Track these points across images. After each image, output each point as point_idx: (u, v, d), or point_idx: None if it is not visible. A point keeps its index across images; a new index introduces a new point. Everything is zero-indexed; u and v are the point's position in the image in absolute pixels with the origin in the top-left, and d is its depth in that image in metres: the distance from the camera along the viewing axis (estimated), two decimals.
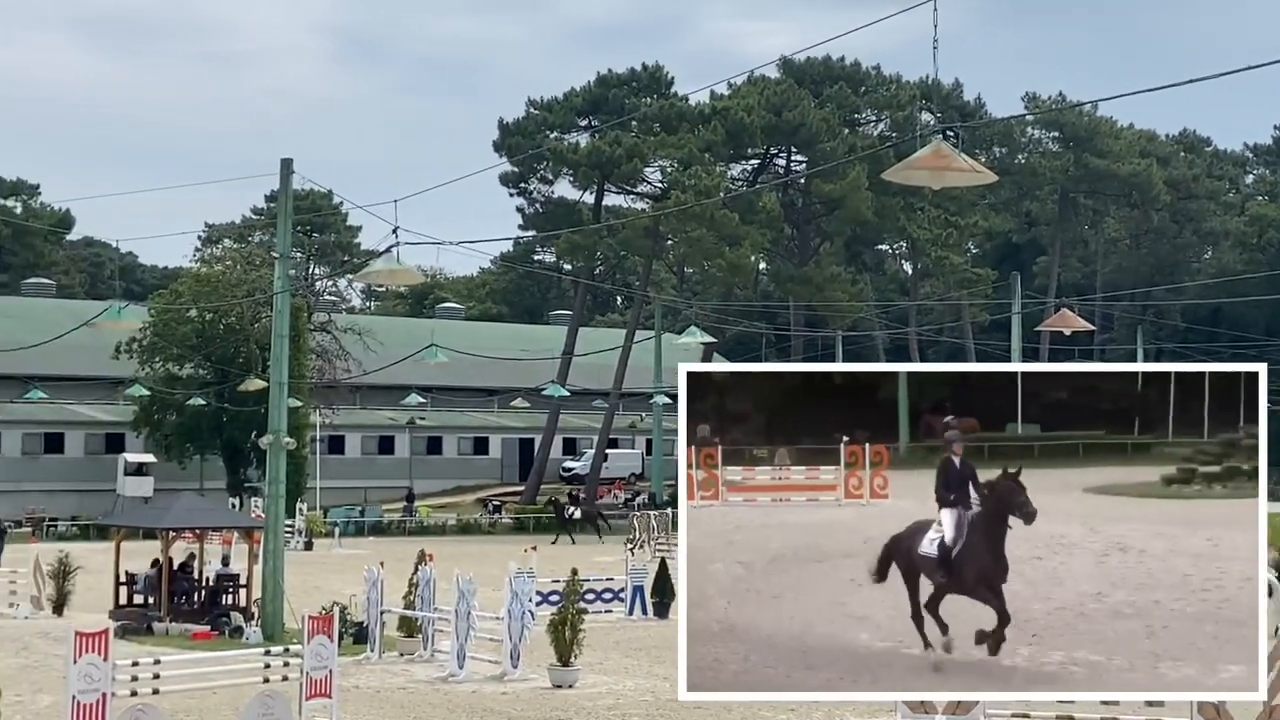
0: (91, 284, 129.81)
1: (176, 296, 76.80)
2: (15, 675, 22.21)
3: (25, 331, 72.21)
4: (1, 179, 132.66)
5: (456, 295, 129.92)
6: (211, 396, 70.91)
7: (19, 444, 78.57)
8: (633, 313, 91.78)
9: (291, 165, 32.03)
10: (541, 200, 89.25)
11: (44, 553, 36.86)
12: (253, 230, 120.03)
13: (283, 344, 32.17)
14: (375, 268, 22.47)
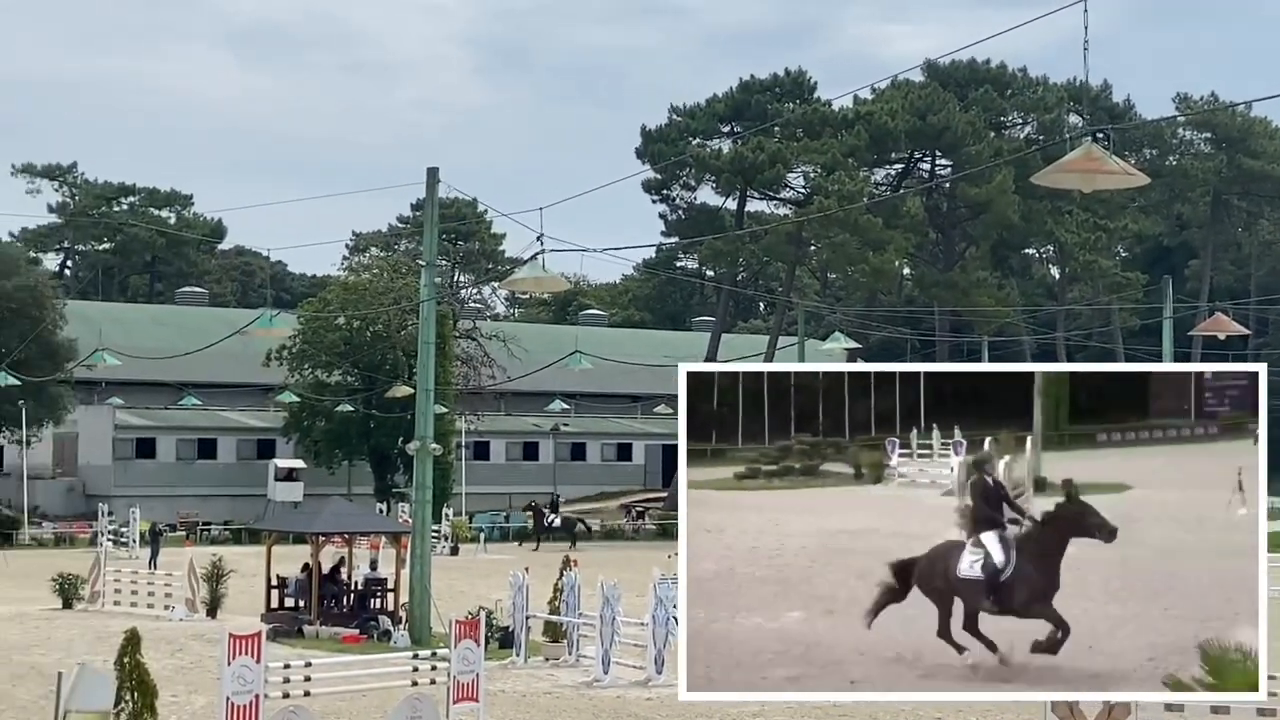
0: (242, 292, 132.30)
1: (325, 304, 77.97)
2: (171, 676, 22.65)
3: (179, 339, 73.75)
4: (156, 190, 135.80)
5: (599, 302, 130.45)
6: (359, 403, 71.92)
7: (173, 449, 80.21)
8: (775, 319, 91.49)
9: (438, 174, 32.39)
10: (684, 206, 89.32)
11: (198, 556, 37.62)
12: (399, 238, 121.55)
13: (429, 351, 32.53)
14: (521, 275, 22.61)
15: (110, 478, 76.89)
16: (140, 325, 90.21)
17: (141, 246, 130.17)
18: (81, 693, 12.01)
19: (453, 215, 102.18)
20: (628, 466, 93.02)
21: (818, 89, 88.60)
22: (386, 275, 79.81)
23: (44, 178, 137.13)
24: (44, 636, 29.76)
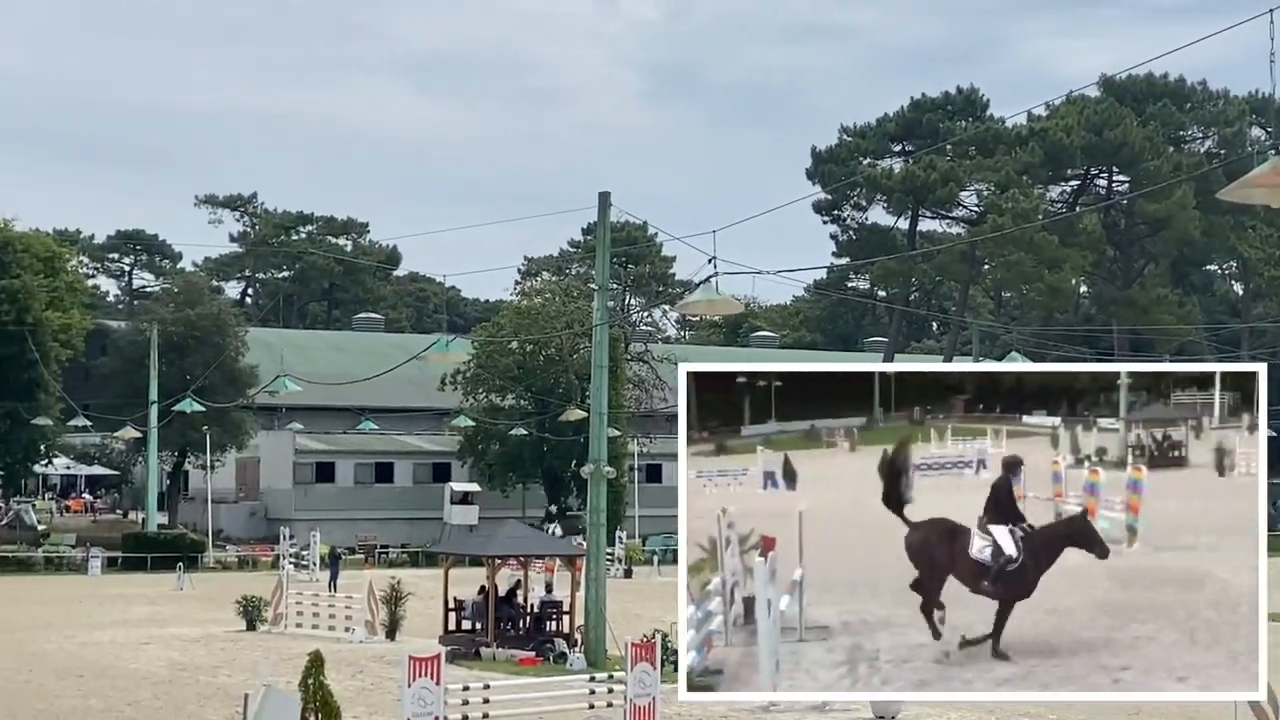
0: (417, 318, 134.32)
1: (498, 329, 78.75)
2: (353, 697, 22.91)
3: (356, 365, 75.01)
4: (333, 219, 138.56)
5: (770, 324, 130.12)
6: (533, 426, 72.46)
7: (351, 473, 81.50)
8: (949, 338, 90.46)
9: (609, 198, 32.52)
10: (855, 227, 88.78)
11: (376, 579, 38.09)
12: (570, 263, 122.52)
13: (602, 374, 32.63)
14: (695, 298, 22.53)
15: (291, 501, 78.36)
16: (319, 351, 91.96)
17: (319, 274, 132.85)
18: (268, 714, 12.17)
19: (624, 239, 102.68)
20: None
21: (990, 106, 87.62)
22: (558, 299, 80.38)
23: (225, 208, 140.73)
24: (229, 658, 30.32)
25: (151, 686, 25.22)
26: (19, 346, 65.41)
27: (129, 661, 29.28)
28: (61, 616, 40.28)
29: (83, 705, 22.68)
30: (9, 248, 67.49)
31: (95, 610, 42.80)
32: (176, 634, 35.56)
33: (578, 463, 60.73)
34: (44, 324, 66.91)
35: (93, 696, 23.78)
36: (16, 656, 29.80)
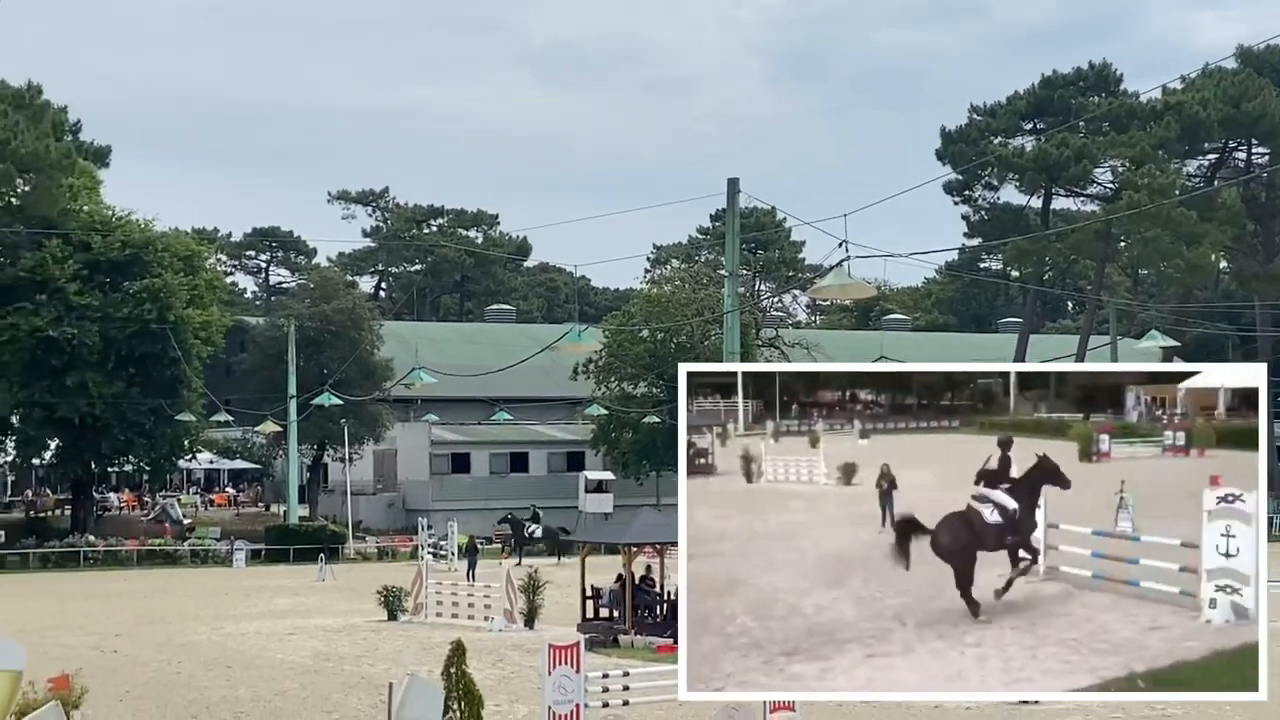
0: (548, 308, 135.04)
1: (629, 318, 78.96)
2: (494, 686, 23.13)
3: (489, 356, 75.63)
4: (464, 211, 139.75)
5: (902, 306, 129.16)
6: (665, 414, 72.56)
7: (487, 464, 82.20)
8: (1085, 318, 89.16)
9: (738, 185, 32.47)
10: (987, 207, 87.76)
11: (514, 569, 38.36)
12: (699, 250, 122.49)
13: (733, 361, 32.60)
14: (827, 282, 22.44)
15: (428, 492, 79.24)
16: (452, 343, 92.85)
17: (451, 267, 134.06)
18: (411, 702, 12.32)
19: (752, 225, 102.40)
20: None
21: (1124, 81, 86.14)
22: (688, 287, 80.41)
23: (358, 203, 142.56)
24: (372, 647, 30.72)
25: (297, 676, 25.63)
26: (161, 344, 66.74)
27: (275, 652, 29.79)
28: (208, 608, 41.08)
29: (231, 695, 23.11)
30: (150, 247, 68.87)
31: (240, 602, 43.60)
32: (320, 624, 36.11)
33: None
34: (185, 322, 68.21)
35: (241, 686, 24.23)
36: (166, 648, 30.45)
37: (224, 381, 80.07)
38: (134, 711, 21.03)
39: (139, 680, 24.89)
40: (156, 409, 67.77)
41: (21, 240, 65.99)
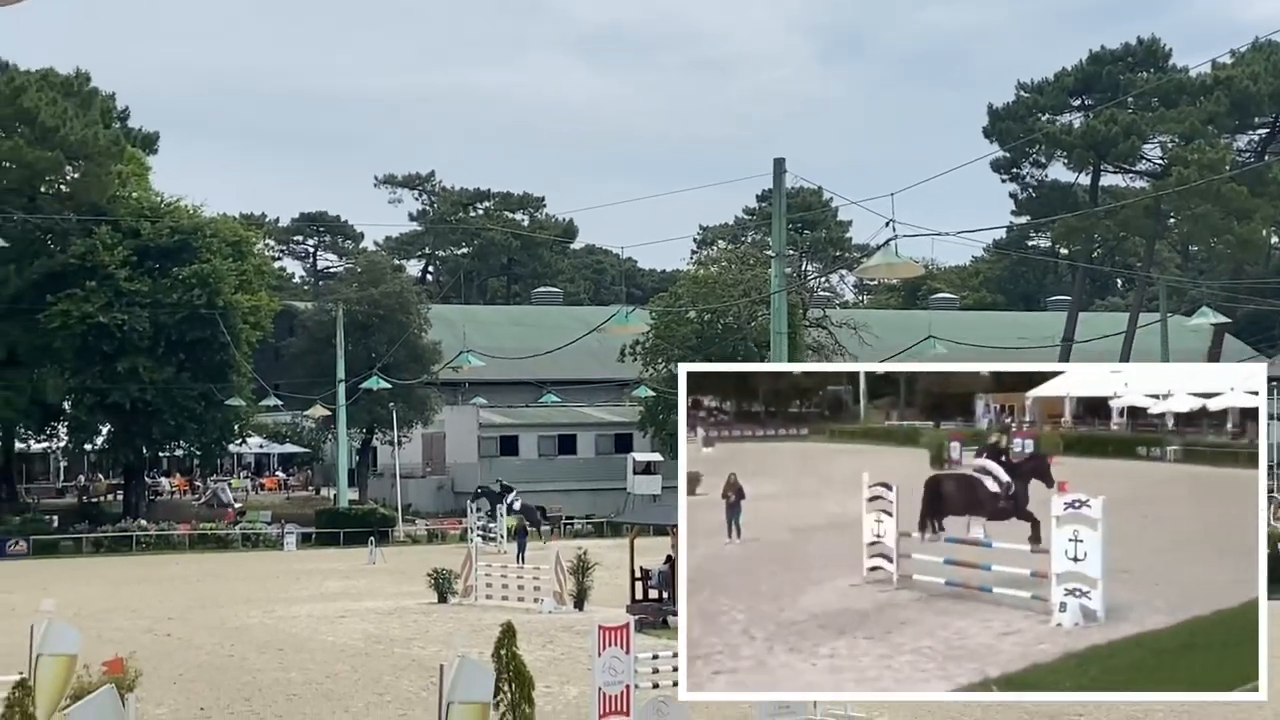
0: (595, 290, 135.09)
1: (676, 299, 78.89)
2: (544, 667, 23.20)
3: (537, 339, 75.73)
4: (510, 194, 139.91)
5: (950, 285, 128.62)
6: None
7: (535, 446, 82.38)
8: (1135, 295, 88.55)
9: (784, 165, 32.39)
10: (1035, 184, 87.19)
11: (563, 550, 38.45)
12: (746, 231, 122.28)
13: (781, 341, 32.56)
14: (873, 262, 22.36)
15: (477, 475, 79.43)
16: (500, 326, 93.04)
17: (498, 250, 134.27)
18: (463, 684, 12.35)
19: (799, 205, 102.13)
20: None
21: (1172, 56, 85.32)
22: (735, 268, 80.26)
23: (404, 187, 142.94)
24: (422, 630, 30.84)
25: (349, 659, 25.76)
26: (211, 330, 67.12)
27: (326, 635, 29.95)
28: (260, 592, 41.33)
29: (284, 678, 23.25)
30: (198, 233, 69.24)
31: (291, 585, 43.86)
32: (370, 607, 36.28)
33: None
34: (234, 306, 68.57)
35: (293, 669, 24.36)
36: (219, 631, 30.66)
37: (273, 366, 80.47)
38: (187, 694, 21.18)
39: (192, 663, 25.07)
40: (206, 394, 68.19)
41: (72, 227, 66.46)
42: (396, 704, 20.43)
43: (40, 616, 16.70)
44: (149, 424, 68.42)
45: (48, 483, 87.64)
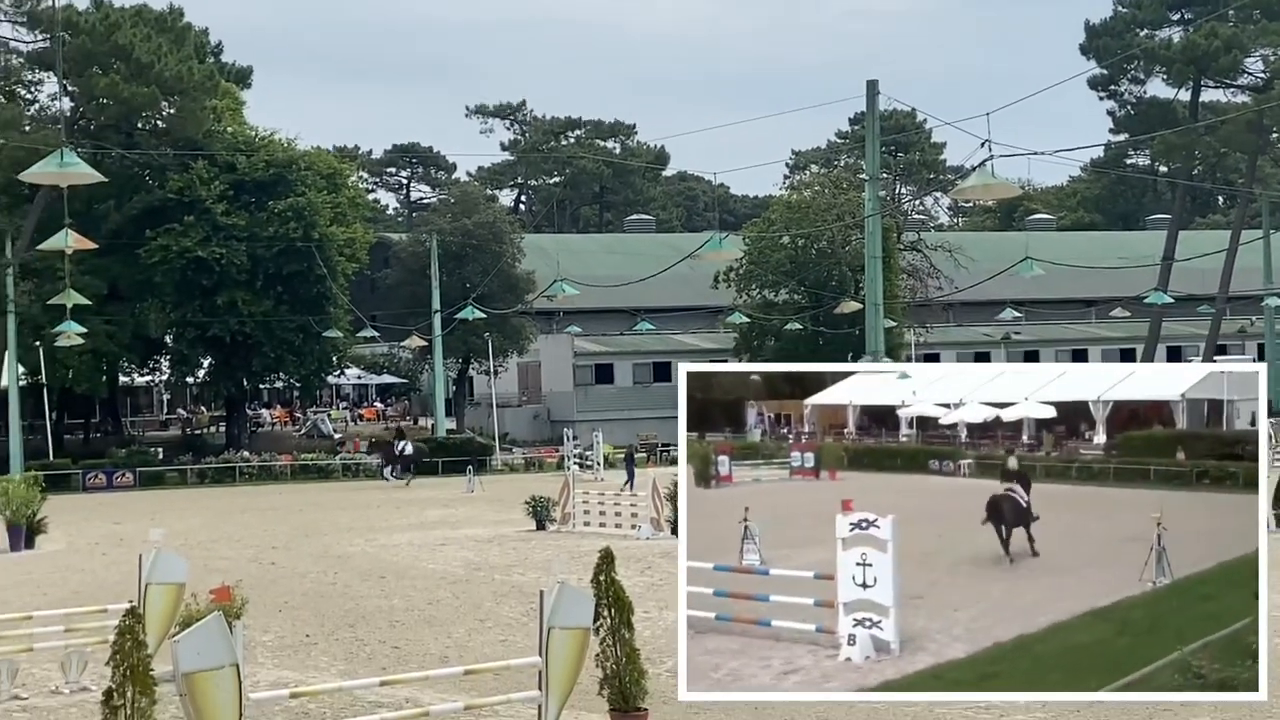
0: (687, 217, 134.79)
1: (769, 225, 78.55)
2: (642, 593, 23.31)
3: (630, 267, 75.74)
4: (601, 122, 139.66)
5: (1047, 206, 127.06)
6: (807, 320, 72.29)
7: (630, 374, 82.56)
8: (1237, 212, 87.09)
9: (877, 86, 32.08)
10: (1133, 101, 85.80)
11: (660, 477, 38.55)
12: (838, 154, 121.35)
13: (876, 265, 32.40)
14: (969, 183, 22.13)
15: (572, 403, 79.81)
16: (593, 255, 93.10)
17: (590, 178, 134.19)
18: (563, 610, 12.45)
19: (893, 127, 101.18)
20: None
21: None
22: (828, 192, 79.73)
23: (496, 117, 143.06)
24: (521, 557, 31.09)
25: (450, 586, 26.02)
26: (307, 262, 67.69)
27: (427, 562, 30.26)
28: (361, 520, 41.83)
29: (386, 605, 23.54)
30: (293, 166, 69.72)
31: (392, 514, 44.34)
32: (470, 535, 36.60)
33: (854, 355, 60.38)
34: (329, 239, 69.08)
35: (395, 596, 24.66)
36: (322, 560, 31.07)
37: (369, 298, 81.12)
38: (292, 621, 21.51)
39: (297, 591, 25.44)
40: (304, 326, 68.88)
41: (169, 162, 67.14)
42: (497, 629, 20.64)
43: (149, 546, 16.99)
44: (249, 356, 69.26)
45: (151, 415, 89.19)
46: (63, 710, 14.94)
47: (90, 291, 55.31)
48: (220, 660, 10.45)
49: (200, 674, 10.36)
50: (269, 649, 18.70)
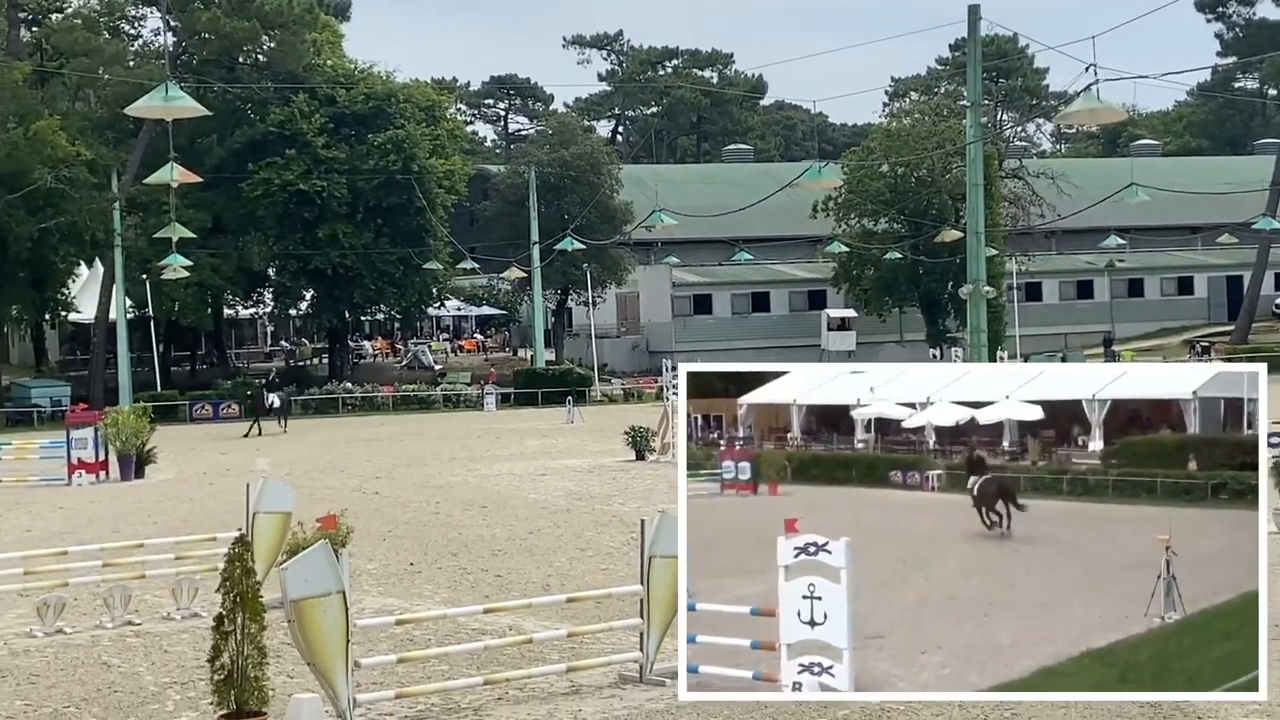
0: (785, 146, 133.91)
1: (868, 153, 77.90)
2: None
3: (729, 196, 75.44)
4: (698, 51, 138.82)
5: (1152, 131, 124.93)
6: (907, 250, 71.75)
7: (729, 304, 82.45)
8: None
9: (979, 11, 31.64)
10: (1242, 24, 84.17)
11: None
12: (939, 81, 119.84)
13: (977, 193, 32.08)
14: (1074, 108, 21.84)
15: (671, 334, 79.86)
16: (691, 185, 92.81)
17: (687, 108, 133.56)
18: (663, 539, 12.51)
19: (994, 53, 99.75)
20: (1189, 301, 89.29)
21: None
22: (928, 119, 78.87)
23: (593, 48, 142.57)
24: (621, 487, 31.24)
25: (550, 515, 26.22)
26: (407, 195, 68.07)
27: (528, 492, 30.50)
28: (462, 451, 42.19)
29: (488, 534, 23.75)
30: (392, 99, 70.01)
31: (492, 444, 44.68)
32: (569, 465, 36.83)
33: (955, 284, 59.86)
34: (428, 172, 69.39)
35: (496, 525, 24.89)
36: (424, 489, 31.40)
37: (468, 230, 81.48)
38: (396, 549, 21.78)
39: (400, 520, 25.74)
40: (405, 258, 69.35)
41: (270, 96, 67.65)
42: (598, 558, 20.78)
43: (256, 476, 17.26)
44: (350, 289, 69.87)
45: (255, 347, 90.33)
46: (174, 636, 15.25)
47: (195, 225, 56.03)
48: (327, 587, 10.61)
49: (308, 600, 10.53)
50: (374, 577, 18.96)
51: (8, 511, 27.61)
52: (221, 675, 10.13)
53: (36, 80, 65.91)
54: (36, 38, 70.04)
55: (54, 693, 12.85)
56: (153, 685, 12.99)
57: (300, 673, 12.16)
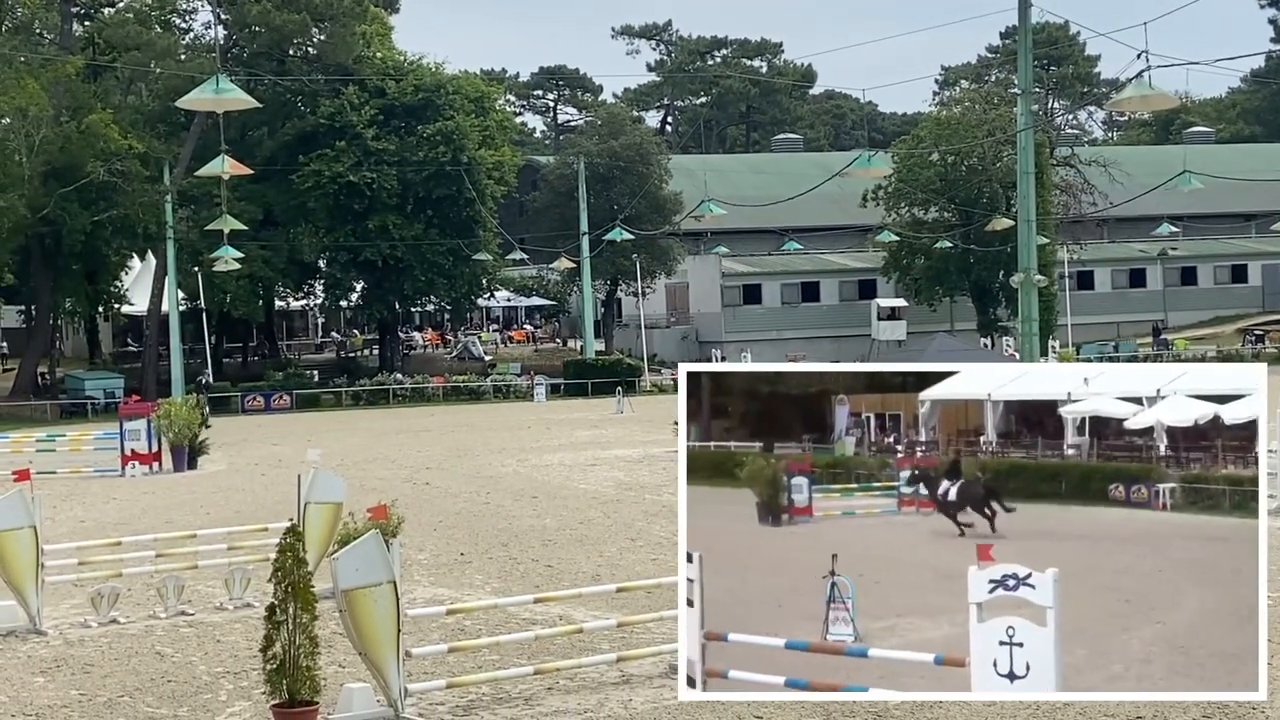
0: (835, 135, 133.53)
1: (918, 142, 77.58)
2: None
3: (778, 186, 75.30)
4: (747, 41, 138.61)
5: (1205, 118, 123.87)
6: (957, 238, 71.42)
7: (778, 294, 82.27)
8: None
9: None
10: None
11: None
12: (989, 69, 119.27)
13: (1028, 181, 31.86)
14: (1126, 95, 21.64)
15: (720, 324, 79.77)
16: (740, 175, 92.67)
17: (736, 97, 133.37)
18: None
19: (1045, 40, 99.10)
20: (1243, 289, 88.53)
21: None
22: (979, 107, 78.50)
23: (642, 38, 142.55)
24: (671, 477, 31.18)
25: (600, 505, 26.22)
26: (456, 186, 68.20)
27: (578, 482, 30.51)
28: (512, 441, 42.24)
29: (538, 524, 23.78)
30: (441, 91, 70.12)
31: (542, 435, 44.72)
32: (619, 455, 36.81)
33: (1006, 272, 59.60)
34: (478, 163, 69.50)
35: (547, 516, 24.91)
36: (475, 480, 31.46)
37: (517, 220, 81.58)
38: (447, 539, 21.82)
39: (450, 510, 25.79)
40: (454, 249, 69.49)
41: (320, 88, 67.89)
42: (648, 548, 20.77)
43: (307, 466, 17.33)
44: (400, 280, 70.09)
45: (306, 339, 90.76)
46: (227, 625, 15.33)
47: (246, 217, 56.30)
48: (378, 577, 10.64)
49: (359, 590, 10.56)
50: (424, 567, 19.01)
51: (62, 502, 27.83)
52: (274, 665, 10.17)
53: (89, 74, 66.38)
54: (89, 32, 70.45)
55: (108, 682, 12.93)
56: (206, 675, 13.07)
57: (352, 662, 12.20)
